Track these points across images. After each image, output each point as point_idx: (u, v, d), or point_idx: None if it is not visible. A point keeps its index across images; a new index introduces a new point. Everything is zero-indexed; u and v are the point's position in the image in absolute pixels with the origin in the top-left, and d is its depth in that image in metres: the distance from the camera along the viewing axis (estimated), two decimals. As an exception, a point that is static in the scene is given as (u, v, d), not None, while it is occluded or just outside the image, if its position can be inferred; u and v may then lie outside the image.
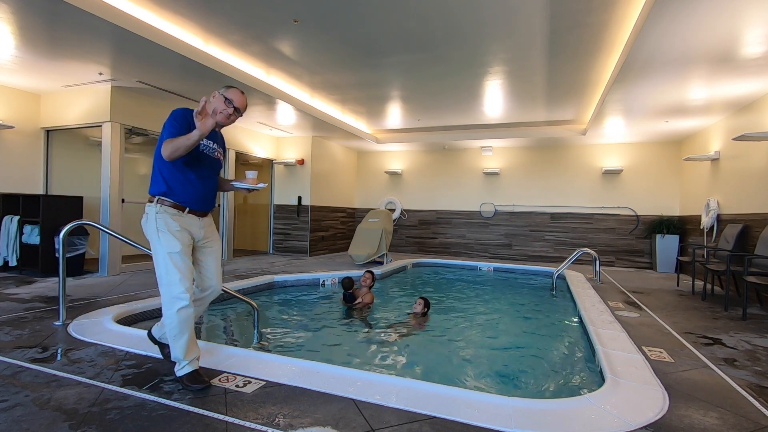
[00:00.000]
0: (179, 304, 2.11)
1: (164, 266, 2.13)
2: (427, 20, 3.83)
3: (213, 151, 2.36)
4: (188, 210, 2.23)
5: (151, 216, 2.18)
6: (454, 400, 2.04)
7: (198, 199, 2.26)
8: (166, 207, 2.18)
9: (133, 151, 7.43)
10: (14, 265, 5.39)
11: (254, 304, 3.53)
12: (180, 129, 2.15)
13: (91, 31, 3.82)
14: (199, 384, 2.12)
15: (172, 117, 2.21)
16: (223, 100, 2.25)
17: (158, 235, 2.15)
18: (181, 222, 2.19)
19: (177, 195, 2.20)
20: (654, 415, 1.95)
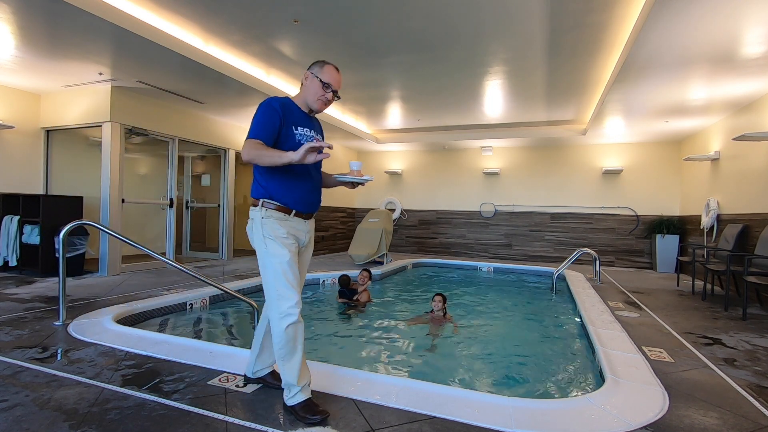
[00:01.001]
0: (289, 320, 1.85)
1: (273, 277, 1.89)
2: (427, 20, 3.83)
3: (312, 140, 2.04)
4: (294, 213, 1.98)
5: (257, 222, 1.95)
6: (454, 400, 2.04)
7: (303, 200, 2.01)
8: (272, 211, 1.94)
9: (133, 151, 7.43)
10: (14, 265, 5.38)
11: (254, 304, 3.53)
12: (269, 129, 1.90)
13: (91, 31, 3.82)
14: (318, 415, 1.83)
15: (261, 112, 1.92)
16: (320, 84, 1.99)
17: (265, 243, 1.91)
18: (288, 227, 1.95)
19: (281, 196, 1.95)
20: (654, 415, 1.95)
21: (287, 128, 1.94)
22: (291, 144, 1.93)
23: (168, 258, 3.80)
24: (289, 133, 1.94)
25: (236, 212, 8.16)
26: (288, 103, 1.99)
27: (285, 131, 1.93)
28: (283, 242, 1.92)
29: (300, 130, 1.98)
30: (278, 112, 1.91)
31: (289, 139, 1.94)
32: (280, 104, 1.94)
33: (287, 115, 1.94)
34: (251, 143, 1.85)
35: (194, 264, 6.92)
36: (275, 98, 1.98)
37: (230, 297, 4.11)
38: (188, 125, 6.69)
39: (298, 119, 2.00)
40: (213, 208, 8.01)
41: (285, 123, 1.92)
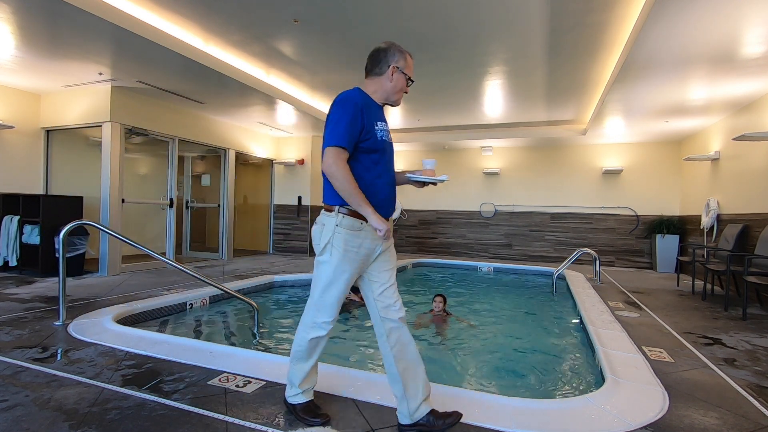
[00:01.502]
0: (317, 332, 1.81)
1: (323, 287, 1.81)
2: (427, 20, 3.83)
3: (389, 135, 1.88)
4: None
5: (328, 229, 1.79)
6: (454, 400, 2.03)
7: (383, 203, 1.81)
8: (348, 219, 1.77)
9: (133, 151, 7.43)
10: (14, 265, 5.39)
11: (254, 304, 3.53)
12: (353, 131, 1.72)
13: (91, 31, 3.82)
14: (318, 418, 1.81)
15: (342, 110, 1.74)
16: (405, 80, 1.89)
17: (330, 253, 1.78)
18: (362, 239, 1.78)
19: None
20: (654, 415, 1.95)
21: (370, 124, 1.78)
22: (373, 142, 1.78)
23: (168, 258, 3.80)
24: (371, 130, 1.78)
25: (236, 212, 8.16)
26: (366, 97, 1.84)
27: (369, 129, 1.77)
28: (350, 257, 1.77)
29: (380, 125, 1.83)
30: (360, 108, 1.75)
31: (371, 136, 1.77)
32: (361, 99, 1.79)
33: (367, 109, 1.78)
34: (339, 159, 1.70)
35: (194, 264, 6.92)
36: (354, 92, 1.81)
37: (230, 297, 4.11)
38: (188, 125, 6.69)
39: (376, 113, 1.84)
40: (213, 208, 8.01)
41: (367, 120, 1.77)
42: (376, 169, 1.80)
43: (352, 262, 1.78)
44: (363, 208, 1.71)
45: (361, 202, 1.71)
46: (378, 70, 1.88)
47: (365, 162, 1.78)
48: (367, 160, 1.79)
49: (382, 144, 1.82)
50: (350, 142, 1.72)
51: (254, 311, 3.54)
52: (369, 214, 1.72)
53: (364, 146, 1.77)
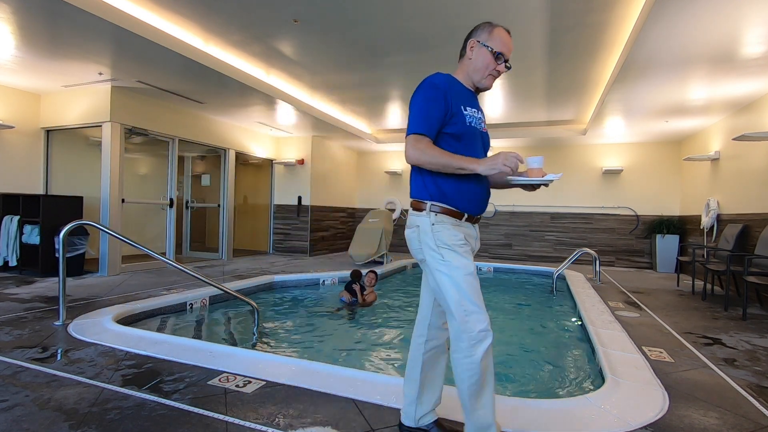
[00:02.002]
0: (484, 345, 1.50)
1: (457, 293, 1.51)
2: (427, 20, 3.83)
3: (481, 123, 1.67)
4: (466, 216, 1.62)
5: (425, 229, 1.59)
6: (454, 400, 2.03)
7: (477, 199, 1.64)
8: (443, 215, 1.59)
9: (133, 151, 7.43)
10: (14, 265, 5.39)
11: (254, 304, 3.53)
12: (435, 116, 1.55)
13: (91, 31, 3.82)
14: None
15: (423, 94, 1.59)
16: (491, 55, 1.64)
17: (441, 254, 1.55)
18: (465, 231, 1.62)
19: (452, 197, 1.59)
20: (654, 415, 1.95)
21: (456, 108, 1.58)
22: (461, 128, 1.58)
23: (168, 258, 3.80)
24: (458, 113, 1.58)
25: (236, 212, 8.17)
26: (452, 81, 1.65)
27: (455, 113, 1.58)
28: (463, 250, 1.57)
29: (469, 111, 1.61)
30: (444, 91, 1.57)
31: (458, 121, 1.58)
32: (445, 82, 1.60)
33: (453, 93, 1.60)
34: (418, 142, 1.53)
35: (194, 264, 6.92)
36: (438, 75, 1.63)
37: (230, 297, 4.11)
38: (188, 125, 6.69)
39: (465, 98, 1.64)
40: (213, 208, 8.01)
41: (453, 104, 1.58)
42: None
43: (468, 254, 1.59)
44: (465, 165, 1.48)
45: (462, 162, 1.49)
46: (462, 51, 1.72)
47: (448, 150, 1.55)
48: (450, 149, 1.56)
49: (471, 131, 1.60)
50: (431, 127, 1.54)
51: (254, 311, 3.54)
52: (475, 166, 1.47)
53: (449, 131, 1.57)
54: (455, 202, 1.59)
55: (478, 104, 1.72)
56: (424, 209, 1.60)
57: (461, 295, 1.51)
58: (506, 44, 1.66)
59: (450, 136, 1.58)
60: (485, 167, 1.46)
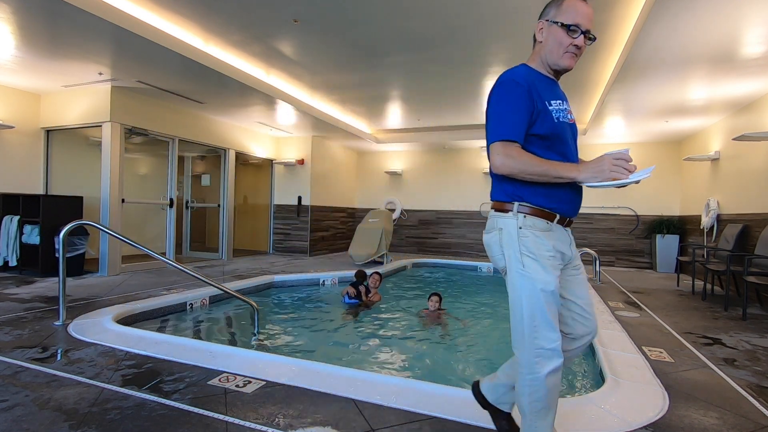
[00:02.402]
0: (552, 364, 1.37)
1: (529, 308, 1.39)
2: (427, 20, 3.83)
3: (567, 115, 1.49)
4: (558, 218, 1.45)
5: (511, 233, 1.43)
6: (454, 400, 2.03)
7: (569, 197, 1.46)
8: (532, 218, 1.42)
9: (133, 151, 7.43)
10: (14, 265, 5.39)
11: (254, 304, 3.53)
12: (523, 119, 1.39)
13: (91, 31, 3.82)
14: None
15: (506, 95, 1.43)
16: (563, 31, 1.44)
17: (522, 262, 1.40)
18: (554, 240, 1.44)
19: (541, 197, 1.42)
20: (654, 415, 1.95)
21: (542, 105, 1.41)
22: (549, 127, 1.41)
23: (168, 258, 3.80)
24: (544, 111, 1.41)
25: (236, 212, 8.17)
26: (532, 73, 1.48)
27: (541, 110, 1.41)
28: (549, 263, 1.40)
29: (554, 104, 1.44)
30: (527, 88, 1.40)
31: (546, 119, 1.41)
32: (526, 77, 1.43)
33: (536, 88, 1.42)
34: (508, 149, 1.37)
35: (194, 264, 6.92)
36: (516, 71, 1.46)
37: (230, 297, 4.11)
38: (188, 125, 6.69)
39: (548, 90, 1.47)
40: (213, 208, 8.01)
41: (538, 100, 1.41)
42: (547, 158, 1.39)
43: (555, 268, 1.42)
44: (564, 174, 1.33)
45: (559, 169, 1.34)
46: (534, 38, 1.54)
47: (532, 150, 1.41)
48: (535, 148, 1.41)
49: (560, 127, 1.43)
50: (519, 131, 1.38)
51: (254, 311, 3.54)
52: (575, 175, 1.32)
53: (536, 132, 1.41)
54: (545, 201, 1.41)
55: (561, 92, 1.53)
56: (510, 210, 1.44)
57: (534, 310, 1.38)
58: (581, 14, 1.44)
59: (538, 138, 1.41)
60: (587, 175, 1.29)
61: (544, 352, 1.38)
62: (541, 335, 1.38)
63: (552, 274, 1.40)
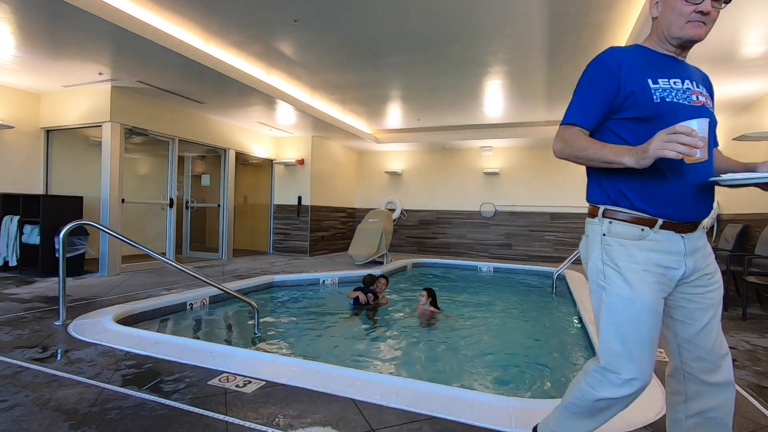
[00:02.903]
0: (609, 390, 1.22)
1: (608, 325, 1.24)
2: (428, 20, 3.83)
3: (688, 95, 1.25)
4: (661, 224, 1.22)
5: (594, 239, 1.31)
6: (454, 400, 2.03)
7: (675, 197, 1.22)
8: (620, 224, 1.26)
9: (133, 151, 7.43)
10: (14, 265, 5.38)
11: (254, 304, 3.53)
12: (594, 103, 1.28)
13: (91, 31, 3.82)
14: None
15: (584, 77, 1.33)
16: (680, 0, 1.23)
17: (603, 273, 1.27)
18: (648, 252, 1.23)
19: (636, 198, 1.24)
20: (654, 415, 1.95)
21: (637, 85, 1.24)
22: (647, 108, 1.22)
23: (168, 258, 3.80)
24: (640, 91, 1.23)
25: (236, 212, 8.17)
26: (633, 51, 1.32)
27: (634, 92, 1.24)
28: (637, 277, 1.21)
29: (661, 83, 1.24)
30: (612, 69, 1.27)
31: (641, 100, 1.23)
32: (618, 56, 1.29)
33: (633, 67, 1.26)
34: (564, 132, 1.31)
35: (194, 264, 6.92)
36: (609, 51, 1.33)
37: (230, 297, 4.11)
38: (188, 125, 6.69)
39: (656, 67, 1.27)
40: (213, 208, 8.01)
41: (629, 81, 1.25)
42: None
43: (646, 283, 1.21)
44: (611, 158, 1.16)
45: (605, 152, 1.18)
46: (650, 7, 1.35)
47: (630, 138, 1.24)
48: (632, 136, 1.23)
49: (665, 108, 1.21)
50: (584, 115, 1.29)
51: (254, 311, 3.54)
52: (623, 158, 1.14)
53: (628, 115, 1.25)
54: (640, 203, 1.22)
55: (687, 71, 1.30)
56: (597, 215, 1.31)
57: (614, 328, 1.22)
58: None
59: (632, 122, 1.24)
60: (636, 158, 1.11)
61: (613, 377, 1.21)
62: (621, 359, 1.20)
63: (639, 291, 1.20)
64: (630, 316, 1.20)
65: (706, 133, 1.06)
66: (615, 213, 1.27)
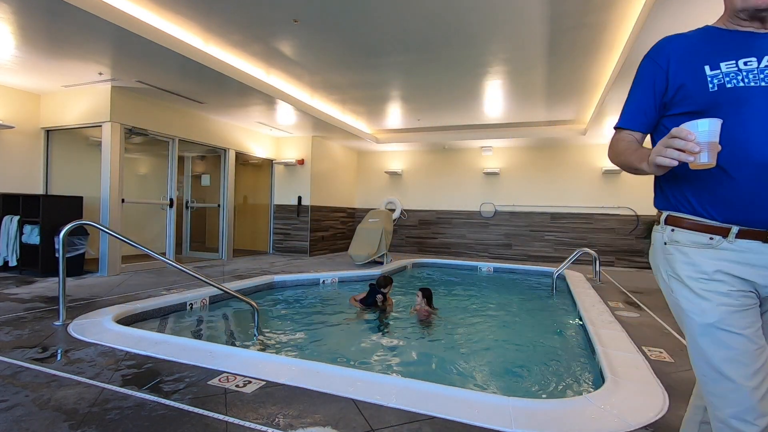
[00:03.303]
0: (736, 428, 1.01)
1: (692, 351, 1.11)
2: (427, 20, 3.83)
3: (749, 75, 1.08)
4: (737, 232, 1.06)
5: (657, 250, 1.21)
6: (454, 400, 2.04)
7: (753, 201, 1.04)
8: (682, 232, 1.13)
9: (133, 151, 7.43)
10: (14, 265, 5.38)
11: (254, 304, 3.53)
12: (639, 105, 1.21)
13: (91, 31, 3.82)
14: None
15: (635, 76, 1.25)
16: None
17: (670, 287, 1.15)
18: (718, 261, 1.07)
19: (698, 203, 1.11)
20: (654, 415, 1.95)
21: (689, 76, 1.12)
22: (702, 99, 1.10)
23: (168, 258, 3.80)
24: (692, 82, 1.11)
25: (236, 212, 8.17)
26: (693, 36, 1.20)
27: (684, 84, 1.12)
28: (702, 287, 1.07)
29: (724, 67, 1.09)
30: (659, 65, 1.17)
31: (694, 92, 1.11)
32: (670, 47, 1.18)
33: (687, 56, 1.14)
34: (612, 140, 1.25)
35: (194, 264, 6.92)
36: (663, 39, 1.22)
37: (230, 297, 4.11)
38: (188, 125, 6.69)
39: (722, 49, 1.13)
40: (213, 208, 8.01)
41: (679, 73, 1.13)
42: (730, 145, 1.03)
43: (717, 295, 1.05)
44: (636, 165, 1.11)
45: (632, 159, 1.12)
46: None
47: None
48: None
49: (726, 96, 1.06)
50: (628, 118, 1.23)
51: (254, 311, 3.54)
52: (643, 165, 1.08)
53: (680, 110, 1.14)
54: (705, 208, 1.09)
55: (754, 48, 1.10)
56: (660, 222, 1.20)
57: (696, 355, 1.08)
58: None
59: (685, 117, 1.09)
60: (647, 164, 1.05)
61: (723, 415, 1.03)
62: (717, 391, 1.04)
63: (710, 302, 1.05)
64: (715, 335, 1.03)
65: (714, 137, 0.96)
66: (678, 220, 1.14)
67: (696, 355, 1.09)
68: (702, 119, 0.97)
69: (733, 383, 1.01)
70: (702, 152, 0.96)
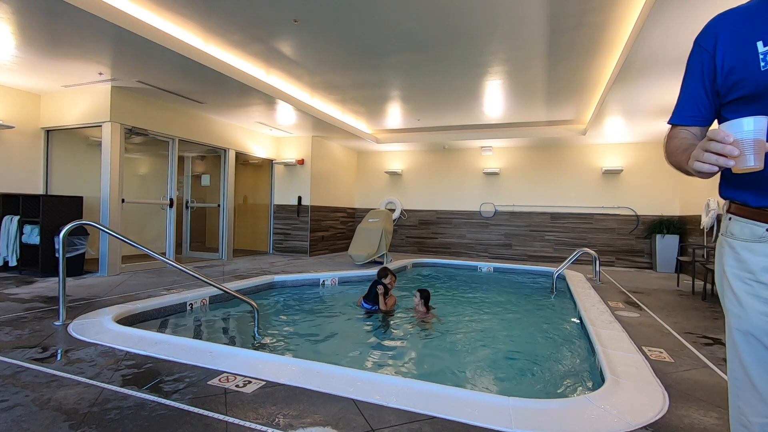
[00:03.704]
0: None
1: (730, 355, 1.03)
2: (427, 20, 3.83)
3: None
4: None
5: (719, 241, 1.11)
6: (454, 400, 2.03)
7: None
8: (738, 222, 1.04)
9: (133, 151, 7.43)
10: (14, 265, 5.38)
11: (254, 304, 3.53)
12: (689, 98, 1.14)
13: (91, 30, 3.82)
14: None
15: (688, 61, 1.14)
16: None
17: (722, 286, 1.06)
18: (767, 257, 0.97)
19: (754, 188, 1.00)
20: (654, 415, 1.95)
21: (738, 56, 1.00)
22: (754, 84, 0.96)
23: (168, 258, 3.80)
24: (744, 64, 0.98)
25: (236, 212, 8.17)
26: (744, 10, 1.04)
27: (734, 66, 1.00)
28: (747, 291, 0.98)
29: None
30: (706, 50, 1.07)
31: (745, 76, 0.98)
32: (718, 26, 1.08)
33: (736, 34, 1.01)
34: (667, 137, 1.15)
35: (194, 264, 6.92)
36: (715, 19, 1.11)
37: (230, 297, 4.11)
38: (188, 125, 6.69)
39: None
40: (213, 208, 8.01)
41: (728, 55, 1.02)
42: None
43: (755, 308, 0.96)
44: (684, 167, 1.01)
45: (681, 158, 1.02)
46: None
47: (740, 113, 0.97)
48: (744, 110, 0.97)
49: None
50: (677, 113, 1.15)
51: (254, 311, 3.54)
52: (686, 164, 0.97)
53: (734, 95, 1.02)
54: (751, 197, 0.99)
55: None
56: (724, 211, 1.10)
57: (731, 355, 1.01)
58: None
59: (741, 104, 1.00)
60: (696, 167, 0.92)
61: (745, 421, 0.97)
62: (743, 396, 0.97)
63: (749, 308, 0.96)
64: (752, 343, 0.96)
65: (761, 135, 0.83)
66: (738, 207, 1.03)
67: (731, 352, 1.02)
68: (747, 117, 0.84)
69: (760, 395, 0.95)
70: (745, 155, 0.84)
